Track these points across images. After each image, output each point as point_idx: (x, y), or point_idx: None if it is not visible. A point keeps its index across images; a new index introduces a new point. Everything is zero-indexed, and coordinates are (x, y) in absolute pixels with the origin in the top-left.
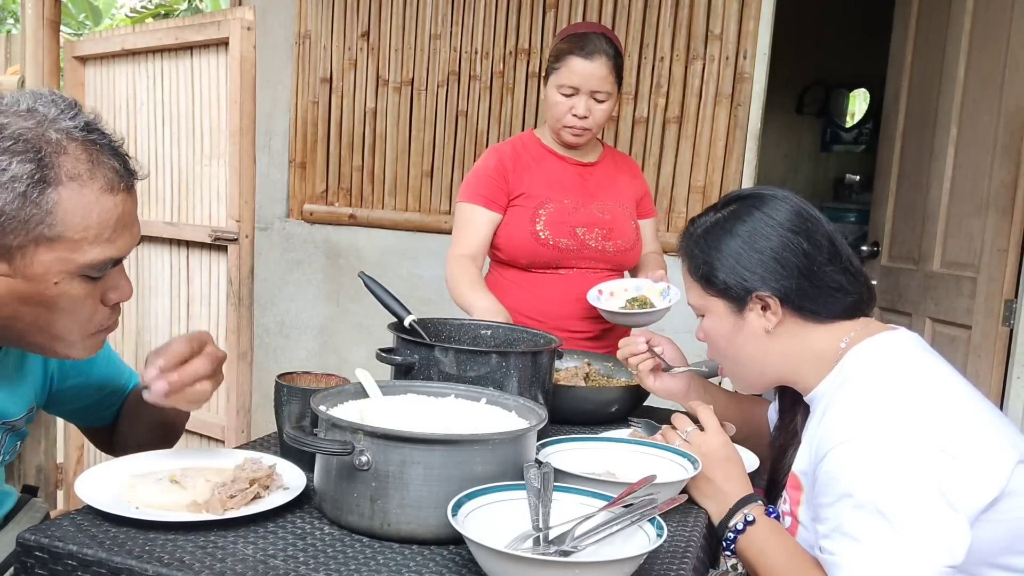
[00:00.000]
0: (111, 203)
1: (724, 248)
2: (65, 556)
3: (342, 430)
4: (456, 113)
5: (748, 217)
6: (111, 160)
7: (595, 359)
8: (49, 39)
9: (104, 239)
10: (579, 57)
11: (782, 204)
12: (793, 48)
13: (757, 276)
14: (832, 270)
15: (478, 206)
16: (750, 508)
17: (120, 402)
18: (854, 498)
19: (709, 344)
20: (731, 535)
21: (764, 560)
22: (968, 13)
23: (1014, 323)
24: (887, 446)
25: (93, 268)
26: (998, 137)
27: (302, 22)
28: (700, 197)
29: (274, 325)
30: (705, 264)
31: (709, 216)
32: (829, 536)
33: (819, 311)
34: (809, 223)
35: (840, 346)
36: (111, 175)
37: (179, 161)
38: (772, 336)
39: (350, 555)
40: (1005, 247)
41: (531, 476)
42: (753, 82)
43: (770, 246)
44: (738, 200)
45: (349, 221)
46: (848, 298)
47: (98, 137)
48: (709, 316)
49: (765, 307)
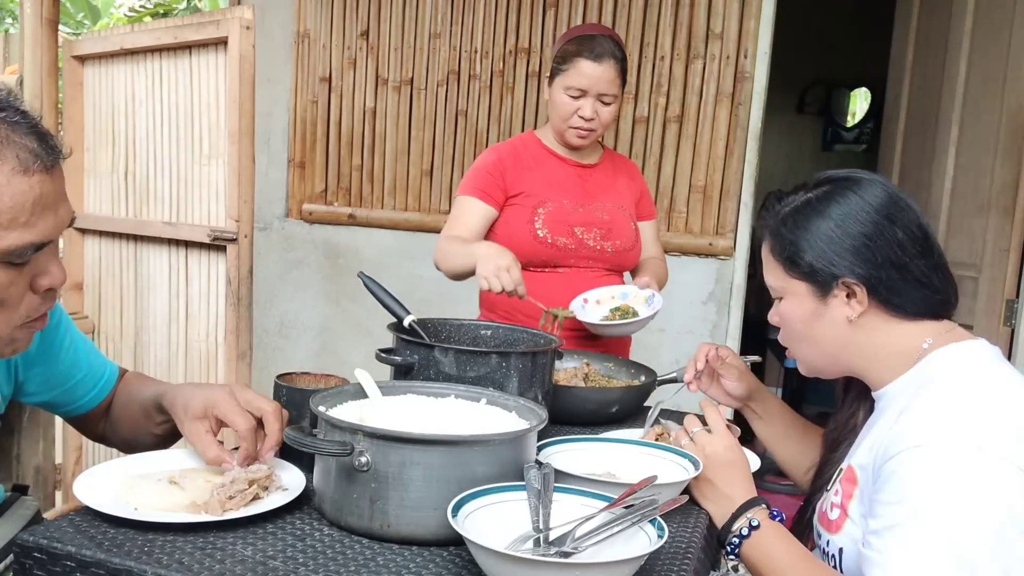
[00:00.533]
0: (25, 185)
1: (814, 229)
2: (64, 557)
3: (342, 431)
4: (456, 112)
5: (843, 199)
6: (24, 139)
7: (595, 359)
8: (48, 38)
9: (21, 223)
10: (588, 60)
11: (878, 189)
12: (794, 47)
13: (846, 262)
14: (923, 264)
15: (473, 198)
16: (754, 512)
17: (97, 388)
18: (915, 504)
19: (783, 327)
20: (735, 540)
21: (771, 565)
22: (969, 12)
23: (1015, 323)
24: (963, 460)
25: (11, 254)
26: (1000, 137)
27: (301, 21)
28: (700, 197)
29: (273, 325)
30: (791, 244)
31: (799, 195)
32: (879, 533)
33: (905, 306)
34: (905, 212)
35: (922, 346)
36: (24, 155)
37: (178, 161)
38: (853, 326)
39: (350, 556)
40: (1007, 247)
41: (531, 477)
42: (754, 81)
43: (863, 231)
44: (832, 181)
45: (348, 221)
46: (936, 296)
47: (9, 115)
48: (788, 298)
49: (850, 295)
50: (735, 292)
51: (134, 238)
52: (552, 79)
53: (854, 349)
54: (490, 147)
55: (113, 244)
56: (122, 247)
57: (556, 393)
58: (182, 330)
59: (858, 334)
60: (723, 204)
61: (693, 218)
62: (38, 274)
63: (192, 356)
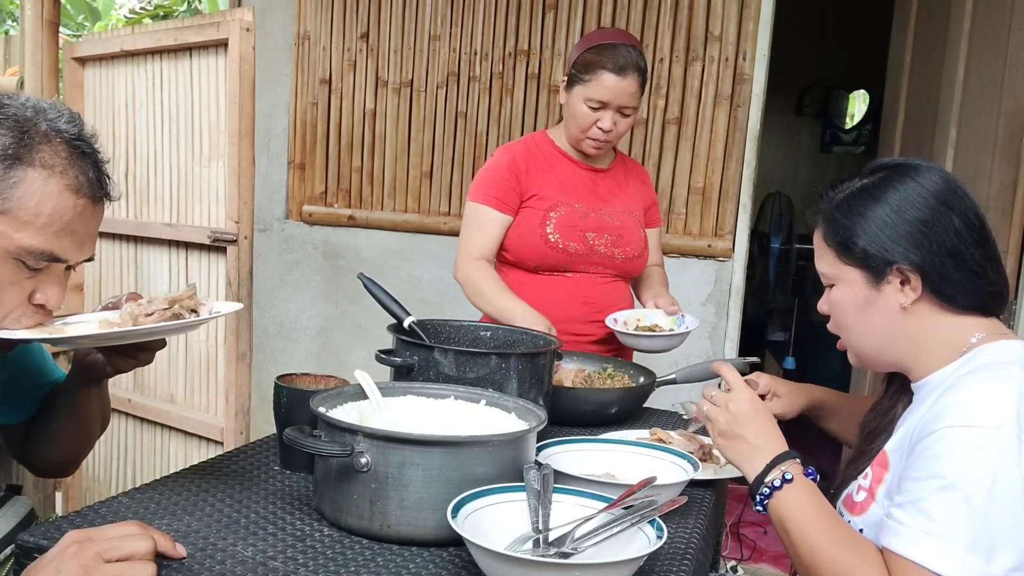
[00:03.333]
0: (71, 202)
1: (870, 215)
2: None
3: (341, 432)
4: (455, 114)
5: (900, 184)
6: (88, 168)
7: (594, 360)
8: (48, 40)
9: (51, 231)
10: (612, 73)
11: (936, 175)
12: (793, 49)
13: (901, 248)
14: (979, 254)
15: (489, 207)
16: (788, 465)
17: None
18: (946, 480)
19: (833, 315)
20: (766, 490)
21: (799, 518)
22: (967, 15)
23: (1014, 324)
24: (1000, 446)
25: (28, 254)
26: (998, 138)
27: (301, 23)
28: (700, 198)
29: (273, 326)
30: (845, 229)
31: (854, 181)
32: (903, 507)
33: (957, 297)
34: (962, 199)
35: (971, 340)
36: (81, 179)
37: (178, 162)
38: (906, 314)
39: (349, 557)
40: (1005, 248)
41: (531, 478)
42: (753, 83)
43: (920, 217)
44: (888, 168)
45: (348, 222)
46: (989, 288)
47: (85, 146)
48: (840, 285)
49: (904, 281)
50: (734, 293)
51: (134, 239)
52: (571, 86)
53: (904, 339)
54: (502, 147)
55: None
56: (122, 248)
57: (555, 394)
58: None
59: (910, 322)
60: (722, 206)
61: (692, 220)
62: (40, 288)
63: (192, 357)
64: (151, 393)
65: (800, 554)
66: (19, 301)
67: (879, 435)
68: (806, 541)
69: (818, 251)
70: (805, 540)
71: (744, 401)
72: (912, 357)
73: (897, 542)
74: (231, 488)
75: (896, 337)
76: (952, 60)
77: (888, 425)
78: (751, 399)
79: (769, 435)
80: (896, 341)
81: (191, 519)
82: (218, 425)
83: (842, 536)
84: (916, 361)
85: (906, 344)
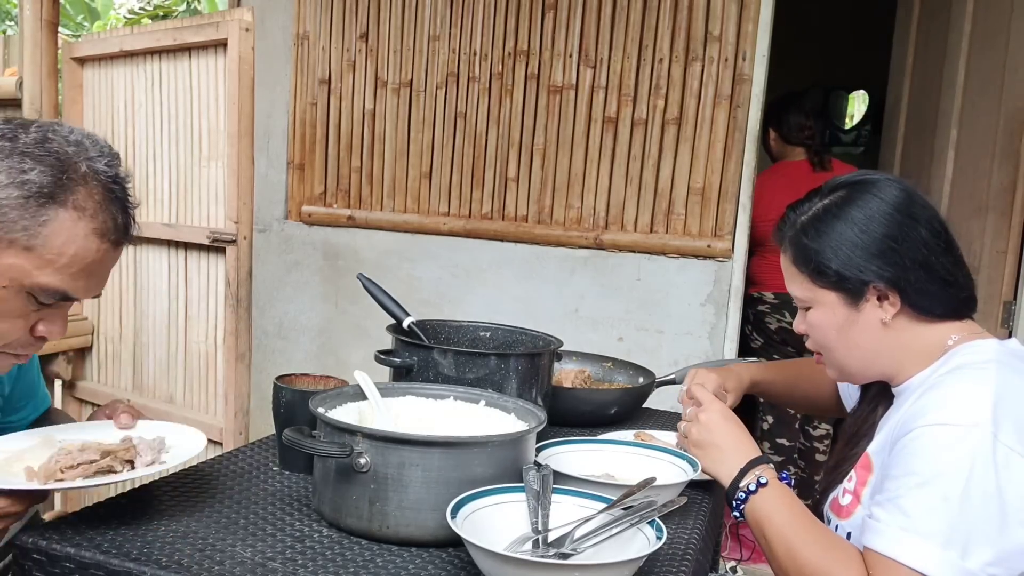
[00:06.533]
0: (95, 246)
1: (837, 236)
2: (63, 559)
3: (341, 432)
4: (455, 115)
5: (862, 201)
6: (118, 213)
7: (594, 361)
8: (47, 40)
9: (69, 272)
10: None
11: (895, 187)
12: (792, 50)
13: (874, 267)
14: (948, 262)
15: None
16: (762, 469)
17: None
18: (923, 477)
19: (813, 336)
20: (742, 495)
21: (776, 520)
22: (968, 16)
23: (1013, 324)
24: (976, 443)
25: (43, 292)
26: (998, 139)
27: (300, 23)
28: (699, 199)
29: (272, 327)
30: (816, 253)
31: (814, 202)
32: (882, 505)
33: (932, 307)
34: (924, 209)
35: (947, 343)
36: (110, 223)
37: (177, 162)
38: (887, 328)
39: (349, 557)
40: (1004, 249)
41: (530, 478)
42: (752, 84)
43: (887, 233)
44: (847, 186)
45: (348, 223)
46: (961, 294)
47: (119, 190)
48: (817, 308)
49: (882, 297)
50: (733, 294)
51: (133, 239)
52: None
53: (887, 352)
54: None
55: None
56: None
57: (555, 394)
58: (181, 332)
59: (891, 336)
60: (721, 206)
61: (691, 220)
62: (43, 320)
63: (191, 357)
64: (150, 393)
65: (778, 556)
66: (22, 333)
67: (861, 439)
68: (783, 543)
69: (788, 275)
70: (782, 542)
71: (714, 412)
72: (896, 366)
73: (876, 540)
74: (230, 489)
75: (880, 351)
76: (952, 61)
77: (869, 429)
78: (720, 409)
79: (741, 442)
80: (880, 355)
81: (190, 519)
82: (217, 426)
83: (819, 537)
84: (899, 369)
85: (889, 356)
